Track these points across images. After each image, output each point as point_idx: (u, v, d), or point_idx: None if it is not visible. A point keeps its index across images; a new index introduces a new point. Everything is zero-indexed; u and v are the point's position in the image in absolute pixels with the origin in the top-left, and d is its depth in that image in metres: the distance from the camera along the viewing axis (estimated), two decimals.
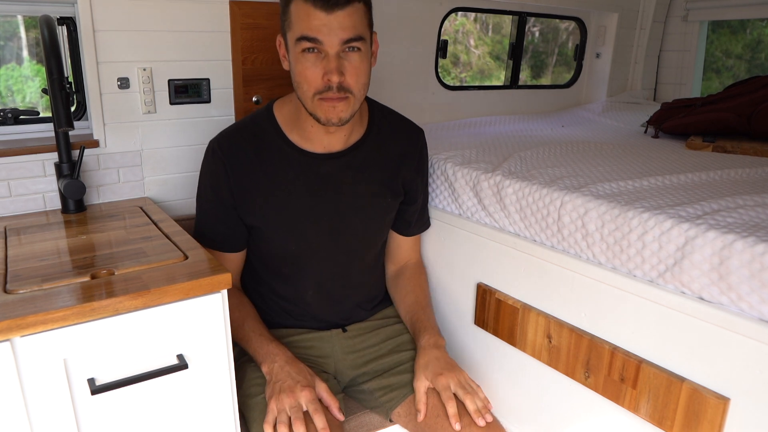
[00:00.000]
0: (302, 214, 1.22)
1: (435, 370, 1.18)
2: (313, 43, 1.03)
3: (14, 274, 0.97)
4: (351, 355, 1.32)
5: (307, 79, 1.07)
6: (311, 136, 1.19)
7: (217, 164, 1.20)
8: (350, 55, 1.06)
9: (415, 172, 1.32)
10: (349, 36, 1.03)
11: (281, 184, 1.20)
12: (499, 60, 2.61)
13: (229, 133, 1.22)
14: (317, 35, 1.02)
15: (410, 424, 1.22)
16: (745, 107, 1.71)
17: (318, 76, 1.06)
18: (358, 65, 1.07)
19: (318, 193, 1.21)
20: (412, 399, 1.21)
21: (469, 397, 1.14)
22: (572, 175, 1.23)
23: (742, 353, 0.86)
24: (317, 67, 1.05)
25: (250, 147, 1.20)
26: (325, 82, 1.06)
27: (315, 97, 1.08)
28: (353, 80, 1.07)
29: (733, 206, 1.00)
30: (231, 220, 1.23)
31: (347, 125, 1.18)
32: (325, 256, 1.27)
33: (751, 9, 2.34)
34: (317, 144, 1.21)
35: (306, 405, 1.07)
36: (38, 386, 0.86)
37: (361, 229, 1.28)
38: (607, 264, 1.05)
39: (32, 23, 1.51)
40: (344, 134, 1.21)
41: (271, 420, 1.07)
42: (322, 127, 1.16)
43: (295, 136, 1.21)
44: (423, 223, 1.42)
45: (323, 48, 1.04)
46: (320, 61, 1.05)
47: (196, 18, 1.49)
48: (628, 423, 1.05)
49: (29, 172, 1.38)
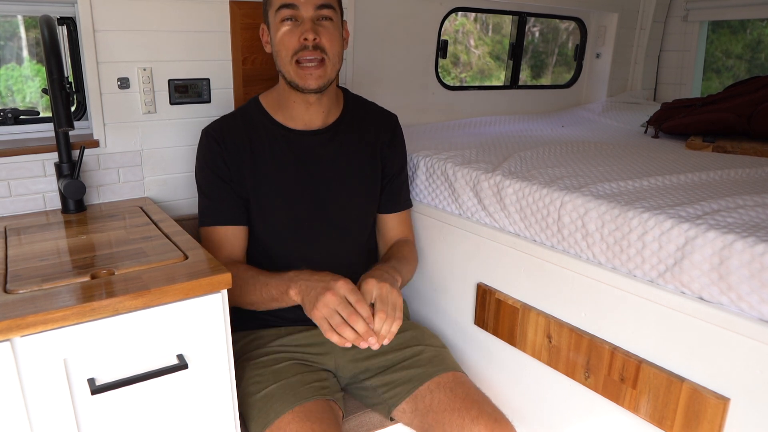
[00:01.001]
0: (289, 186, 1.28)
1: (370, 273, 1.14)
2: (291, 10, 1.17)
3: (14, 274, 0.97)
4: (351, 351, 1.31)
5: (285, 44, 1.19)
6: (294, 113, 1.29)
7: (210, 143, 1.28)
8: (324, 23, 1.19)
9: (389, 148, 1.38)
10: (322, 2, 1.17)
11: (268, 158, 1.28)
12: (499, 60, 2.61)
13: (219, 121, 1.32)
14: (294, 0, 1.16)
15: (414, 421, 1.22)
16: (745, 107, 1.71)
17: (295, 39, 1.18)
18: (331, 31, 1.20)
19: (302, 168, 1.29)
20: (416, 395, 1.22)
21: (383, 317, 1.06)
22: (572, 175, 1.23)
23: (742, 353, 0.86)
24: (294, 33, 1.18)
25: (241, 127, 1.29)
26: (301, 42, 1.17)
27: (293, 60, 1.19)
28: (328, 42, 1.19)
29: (733, 206, 1.00)
30: (230, 193, 1.28)
31: (325, 101, 1.28)
32: (313, 228, 1.30)
33: (751, 9, 2.34)
34: (299, 120, 1.30)
35: (347, 295, 1.04)
36: (38, 386, 0.86)
37: (343, 202, 1.32)
38: (607, 264, 1.05)
39: (32, 23, 1.51)
40: (323, 111, 1.30)
41: (328, 327, 1.04)
42: (303, 101, 1.26)
43: (279, 116, 1.30)
44: (404, 201, 1.44)
45: (299, 14, 1.17)
46: (297, 28, 1.18)
47: (196, 18, 1.49)
48: (628, 423, 1.05)
49: (29, 172, 1.38)
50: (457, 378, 1.25)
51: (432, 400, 1.20)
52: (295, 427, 1.08)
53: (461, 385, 1.23)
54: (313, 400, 1.15)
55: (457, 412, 1.16)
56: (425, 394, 1.21)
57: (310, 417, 1.10)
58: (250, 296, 1.21)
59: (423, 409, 1.20)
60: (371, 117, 1.39)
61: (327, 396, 1.19)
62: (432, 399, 1.20)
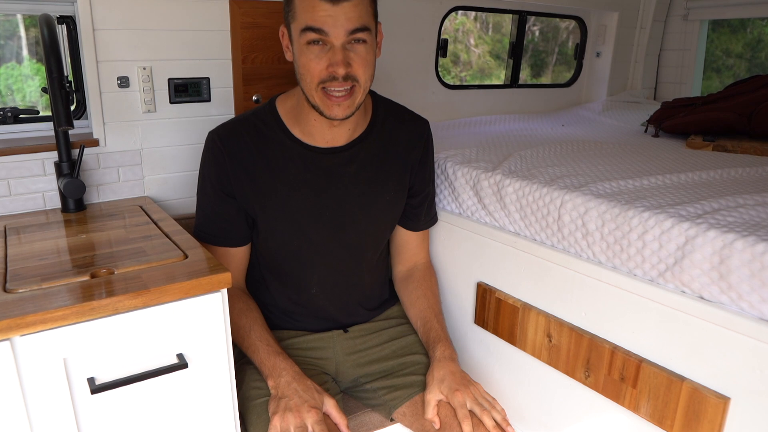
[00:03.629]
0: (304, 209, 1.20)
1: (451, 385, 1.16)
2: (318, 35, 1.02)
3: (14, 274, 0.97)
4: (353, 356, 1.31)
5: (311, 72, 1.05)
6: (314, 130, 1.17)
7: (216, 155, 1.18)
8: (356, 47, 1.05)
9: (420, 164, 1.30)
10: (355, 26, 1.02)
11: (282, 178, 1.18)
12: (500, 59, 2.61)
13: (229, 124, 1.20)
14: (323, 26, 1.01)
15: (415, 424, 1.21)
16: (745, 106, 1.71)
17: (323, 67, 1.04)
18: (364, 56, 1.06)
19: (320, 189, 1.19)
20: (418, 400, 1.21)
21: (486, 413, 1.13)
22: (572, 174, 1.23)
23: (742, 353, 0.86)
24: (321, 59, 1.04)
25: (251, 139, 1.18)
26: (330, 72, 1.04)
27: (319, 86, 1.06)
28: (360, 70, 1.06)
29: (734, 205, 1.00)
30: (231, 213, 1.20)
31: (351, 119, 1.16)
32: (327, 252, 1.24)
33: (751, 8, 2.34)
34: (320, 138, 1.18)
35: (312, 426, 1.05)
36: (38, 385, 0.86)
37: (364, 225, 1.25)
38: (607, 263, 1.05)
39: (32, 22, 1.51)
40: (348, 128, 1.19)
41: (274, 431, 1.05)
42: (326, 121, 1.14)
43: (297, 131, 1.19)
44: (431, 217, 1.38)
45: (328, 40, 1.02)
46: (325, 54, 1.04)
47: (196, 17, 1.49)
48: (628, 422, 1.04)
49: (29, 171, 1.37)
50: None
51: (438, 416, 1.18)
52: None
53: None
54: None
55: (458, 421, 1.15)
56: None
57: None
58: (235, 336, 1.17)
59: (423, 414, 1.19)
60: (402, 127, 1.27)
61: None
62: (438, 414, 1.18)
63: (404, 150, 1.26)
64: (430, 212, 1.38)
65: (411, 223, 1.35)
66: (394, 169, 1.25)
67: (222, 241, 1.22)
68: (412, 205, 1.32)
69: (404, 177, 1.27)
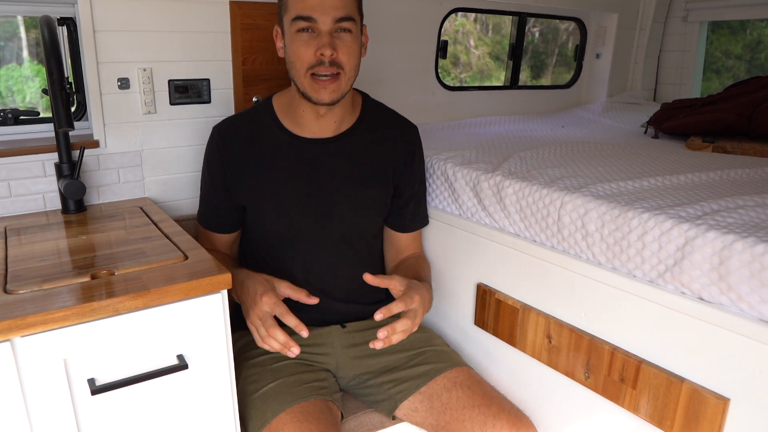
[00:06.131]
0: (289, 196, 1.25)
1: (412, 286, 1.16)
2: (307, 22, 1.11)
3: (14, 275, 0.97)
4: (352, 349, 1.31)
5: (300, 57, 1.14)
6: (303, 121, 1.25)
7: (213, 147, 1.28)
8: (342, 35, 1.14)
9: (405, 166, 1.33)
10: (341, 15, 1.11)
11: (270, 166, 1.25)
12: (499, 60, 2.61)
13: (230, 119, 1.31)
14: (311, 14, 1.11)
15: (428, 419, 1.21)
16: (745, 107, 1.71)
17: (311, 52, 1.13)
18: (350, 45, 1.14)
19: (306, 178, 1.25)
20: (423, 391, 1.22)
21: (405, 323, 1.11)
22: (572, 175, 1.23)
23: (742, 353, 0.86)
24: (310, 45, 1.13)
25: (246, 131, 1.27)
26: (317, 57, 1.12)
27: (308, 73, 1.14)
28: (345, 57, 1.14)
29: (733, 206, 1.00)
30: (222, 204, 1.30)
31: (337, 111, 1.23)
32: (312, 239, 1.28)
33: (751, 9, 2.34)
34: (308, 129, 1.26)
35: (272, 310, 1.09)
36: (38, 386, 0.86)
37: (349, 216, 1.28)
38: (607, 264, 1.05)
39: (32, 23, 1.51)
40: (335, 120, 1.25)
41: (258, 339, 1.11)
42: (314, 112, 1.22)
43: (288, 122, 1.26)
44: (419, 219, 1.41)
45: (317, 26, 1.12)
46: (313, 40, 1.13)
47: (196, 18, 1.49)
48: (628, 423, 1.05)
49: (29, 172, 1.38)
50: (471, 374, 1.25)
51: (450, 397, 1.19)
52: (293, 427, 1.08)
53: (477, 383, 1.23)
54: (311, 399, 1.15)
55: (477, 408, 1.17)
56: (441, 392, 1.21)
57: (307, 417, 1.10)
58: None
59: (439, 407, 1.20)
60: (390, 128, 1.33)
61: (325, 396, 1.19)
62: (450, 396, 1.20)
63: (389, 150, 1.31)
64: (418, 213, 1.40)
65: (397, 223, 1.38)
66: (378, 166, 1.30)
67: (210, 226, 1.34)
68: (398, 205, 1.36)
69: (388, 175, 1.32)
